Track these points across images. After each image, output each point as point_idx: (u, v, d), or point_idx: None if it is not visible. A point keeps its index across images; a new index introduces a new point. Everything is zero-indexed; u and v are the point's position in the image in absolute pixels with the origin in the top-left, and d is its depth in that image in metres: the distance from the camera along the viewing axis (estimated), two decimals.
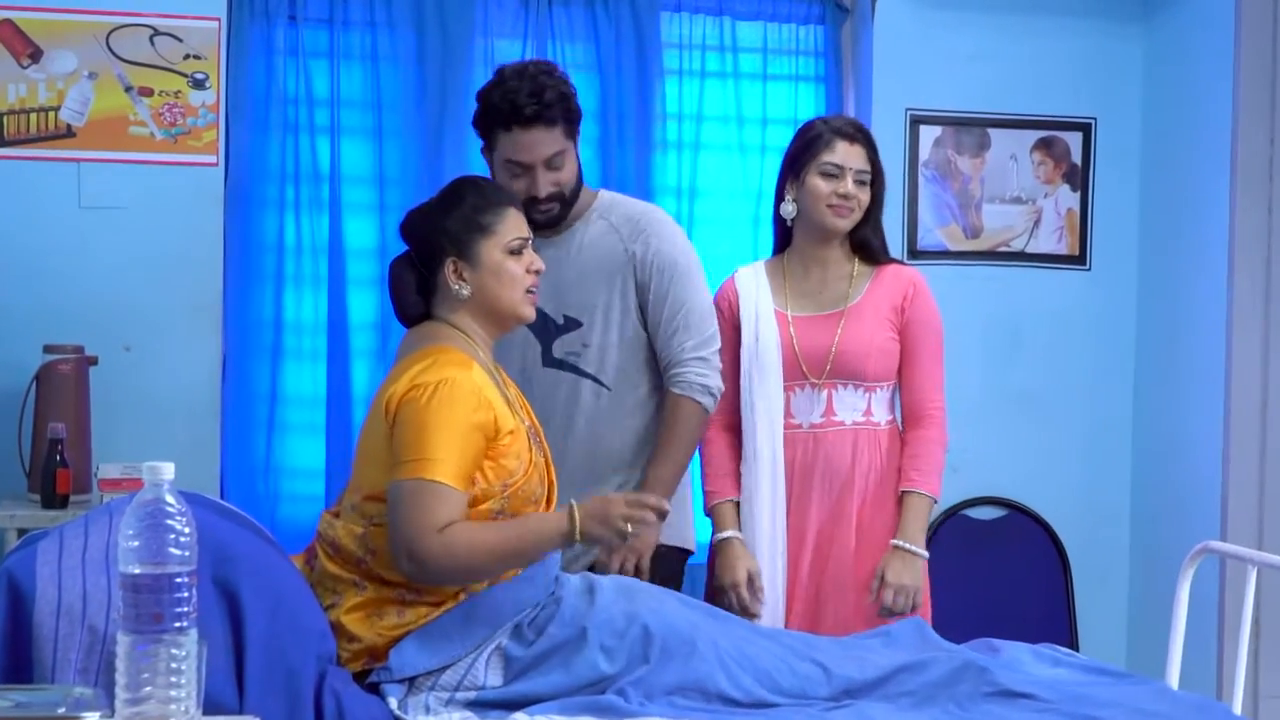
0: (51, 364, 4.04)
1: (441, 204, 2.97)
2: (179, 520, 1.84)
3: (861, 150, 3.57)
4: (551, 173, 3.35)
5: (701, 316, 3.46)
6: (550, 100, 3.30)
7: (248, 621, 2.54)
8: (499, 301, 2.94)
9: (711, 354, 3.45)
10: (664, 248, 3.45)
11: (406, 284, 2.97)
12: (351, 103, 4.62)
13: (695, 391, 3.40)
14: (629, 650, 2.77)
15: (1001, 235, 5.04)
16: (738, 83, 4.87)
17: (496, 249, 2.93)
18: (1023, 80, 5.02)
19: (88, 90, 4.31)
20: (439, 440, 2.70)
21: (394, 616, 2.78)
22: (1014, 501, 5.05)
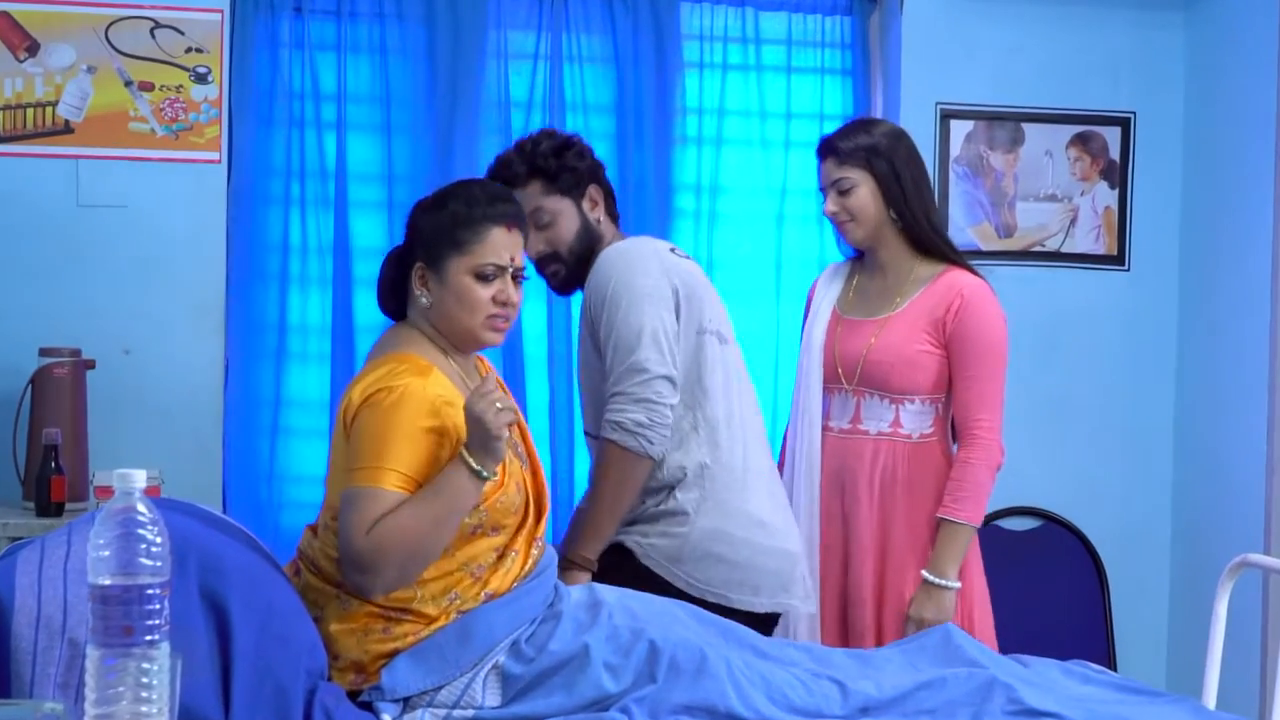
0: (47, 367, 4.04)
1: (430, 203, 2.94)
2: (150, 530, 1.82)
3: (831, 162, 3.57)
4: (540, 231, 3.34)
5: (621, 345, 3.21)
6: (511, 159, 3.35)
7: (235, 635, 2.52)
8: (455, 323, 2.87)
9: (633, 386, 3.18)
10: (597, 280, 3.28)
11: (384, 276, 2.98)
12: (359, 97, 4.62)
13: (607, 429, 3.21)
14: (635, 668, 2.74)
15: (1036, 234, 5.00)
16: (761, 76, 4.85)
17: (464, 269, 2.85)
18: (1058, 72, 4.99)
19: (86, 85, 4.31)
20: (386, 448, 2.67)
21: (379, 633, 2.75)
22: (1049, 512, 5.02)
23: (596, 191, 3.38)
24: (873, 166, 3.53)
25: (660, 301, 3.23)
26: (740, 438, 3.32)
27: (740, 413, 3.35)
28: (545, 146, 3.34)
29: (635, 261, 3.27)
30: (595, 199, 3.38)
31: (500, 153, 3.41)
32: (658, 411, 3.18)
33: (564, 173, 3.34)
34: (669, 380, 3.19)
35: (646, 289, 3.23)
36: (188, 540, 2.59)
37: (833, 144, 3.58)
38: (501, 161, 3.37)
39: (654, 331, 3.19)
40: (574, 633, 2.79)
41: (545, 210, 3.34)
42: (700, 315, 3.31)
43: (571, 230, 3.35)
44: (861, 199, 3.53)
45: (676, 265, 3.32)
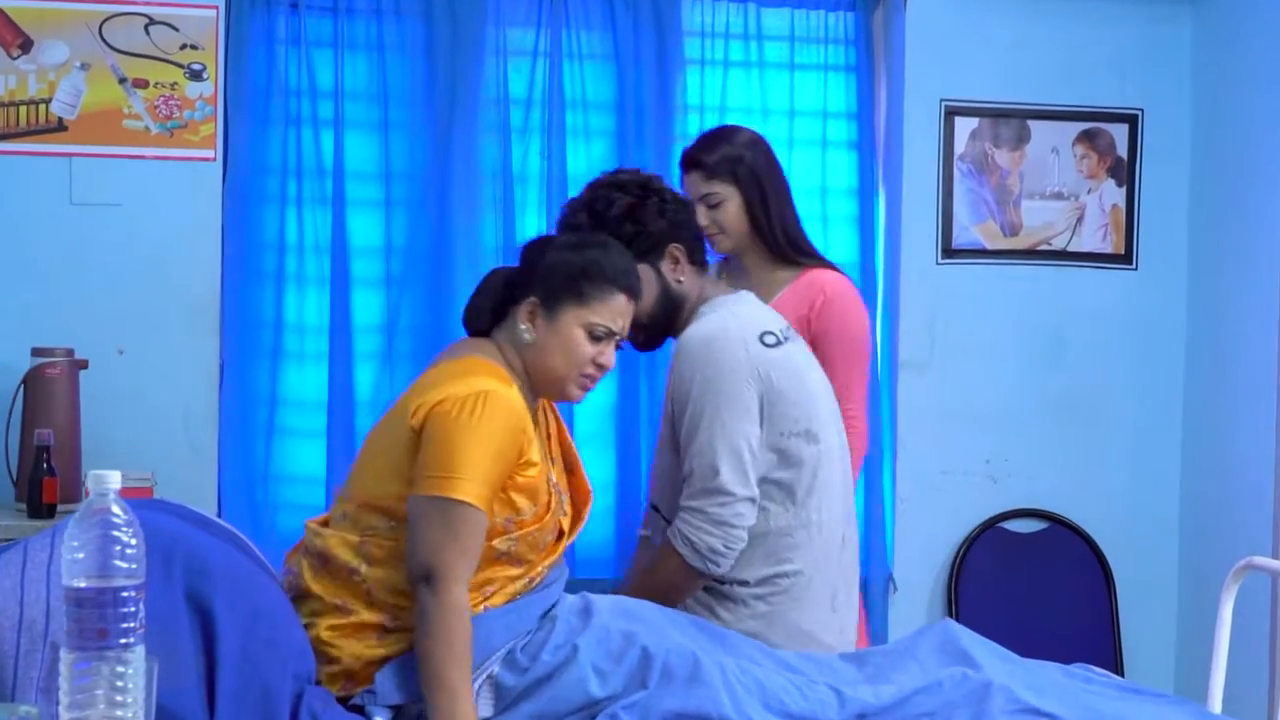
0: (40, 367, 4.04)
1: (564, 245, 2.92)
2: (126, 531, 1.82)
3: (698, 176, 3.52)
4: None
5: (702, 460, 3.07)
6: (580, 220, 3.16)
7: (221, 637, 2.51)
8: (548, 367, 2.86)
9: (713, 507, 3.06)
10: (680, 372, 3.12)
11: (489, 294, 2.92)
12: (356, 95, 4.61)
13: (679, 542, 3.10)
14: (626, 673, 2.73)
15: (1042, 233, 4.99)
16: (763, 73, 4.85)
17: (578, 321, 2.85)
18: (1065, 68, 4.98)
19: (80, 82, 4.31)
20: (472, 457, 2.65)
21: (374, 638, 2.74)
22: (1055, 514, 5.01)
23: (677, 249, 3.18)
24: (739, 180, 3.51)
25: (743, 411, 3.07)
26: (817, 542, 3.20)
27: (820, 518, 3.21)
28: (618, 210, 3.13)
29: (719, 358, 3.09)
30: (676, 256, 3.18)
31: (571, 201, 3.21)
32: (734, 536, 3.07)
33: (640, 238, 3.13)
34: (751, 502, 3.08)
35: (729, 396, 3.07)
36: (174, 542, 2.59)
37: (698, 158, 3.53)
38: (568, 221, 3.17)
39: (736, 449, 3.06)
40: (565, 638, 2.77)
41: None
42: (785, 418, 3.13)
43: (650, 297, 3.16)
44: (730, 212, 3.51)
45: (764, 359, 3.12)
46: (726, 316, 3.17)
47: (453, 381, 2.72)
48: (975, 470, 4.97)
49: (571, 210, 3.19)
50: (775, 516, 3.14)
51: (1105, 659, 4.81)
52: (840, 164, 4.89)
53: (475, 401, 2.67)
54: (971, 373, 4.95)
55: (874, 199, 4.90)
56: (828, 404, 3.25)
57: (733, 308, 3.21)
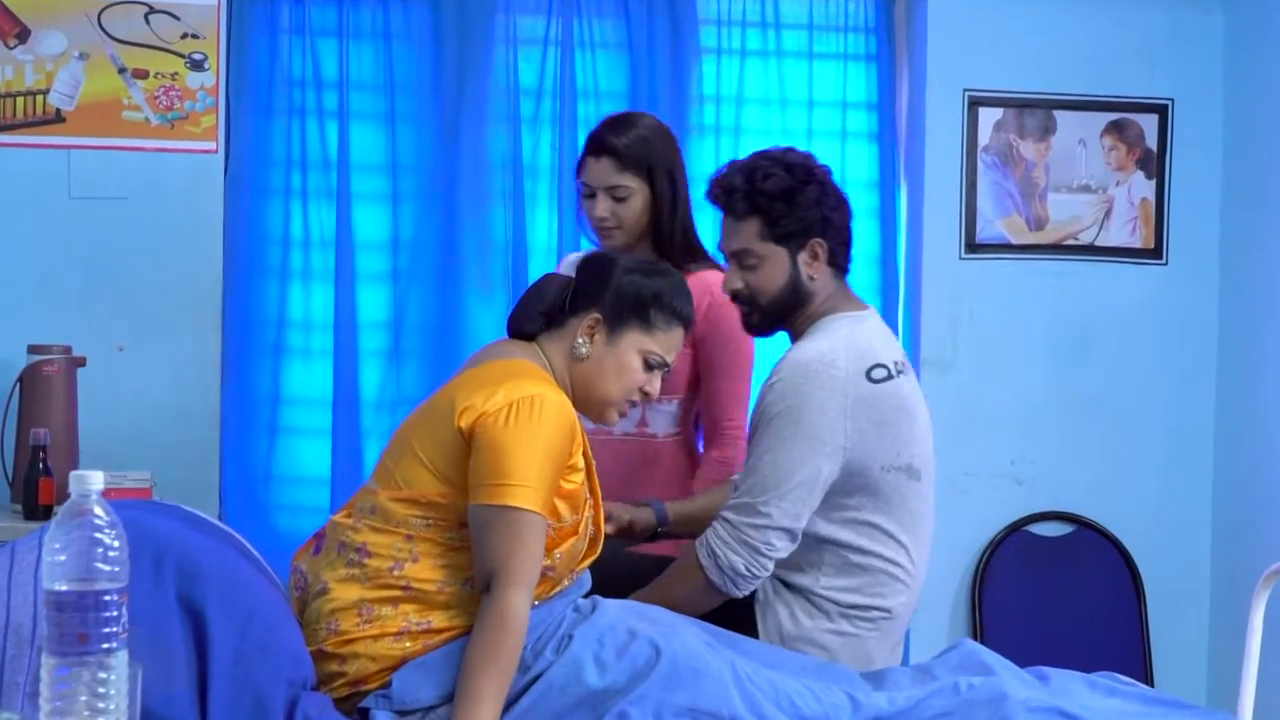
0: (36, 365, 4.04)
1: (637, 268, 2.91)
2: (108, 534, 1.81)
3: (610, 164, 3.44)
4: (741, 270, 3.17)
5: (759, 475, 3.04)
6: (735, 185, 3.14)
7: (213, 642, 2.50)
8: (598, 387, 2.87)
9: (747, 525, 3.03)
10: (774, 391, 3.07)
11: (542, 299, 2.92)
12: (362, 85, 4.62)
13: (702, 551, 3.08)
14: (630, 667, 2.71)
15: (1069, 227, 4.96)
16: (781, 62, 4.84)
17: (637, 346, 2.87)
18: (1092, 57, 4.95)
19: (78, 72, 4.32)
20: (531, 464, 2.65)
21: (390, 640, 2.72)
22: (1083, 517, 4.98)
23: (820, 245, 3.12)
24: (652, 175, 3.46)
25: (822, 449, 3.01)
26: (912, 586, 3.18)
27: (917, 559, 3.18)
28: (776, 184, 3.10)
29: (811, 394, 3.02)
30: (817, 252, 3.13)
31: (726, 168, 3.18)
32: (760, 564, 3.04)
33: (789, 219, 3.11)
34: (788, 534, 3.04)
35: (814, 431, 3.02)
36: (166, 544, 2.59)
37: (612, 144, 3.44)
38: (724, 181, 3.16)
39: (797, 481, 3.01)
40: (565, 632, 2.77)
41: (754, 253, 3.14)
42: (886, 452, 3.08)
43: (776, 282, 3.14)
44: (634, 208, 3.45)
45: (866, 397, 3.05)
46: (837, 344, 3.08)
47: (504, 384, 2.71)
48: (1000, 472, 4.95)
49: (729, 171, 3.17)
50: (883, 551, 3.11)
51: (1134, 668, 4.78)
52: (860, 156, 4.88)
53: (529, 406, 2.67)
54: (996, 372, 4.93)
55: (895, 192, 4.89)
56: (930, 442, 3.22)
57: (850, 331, 3.13)
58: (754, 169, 3.14)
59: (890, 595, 3.14)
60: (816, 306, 3.17)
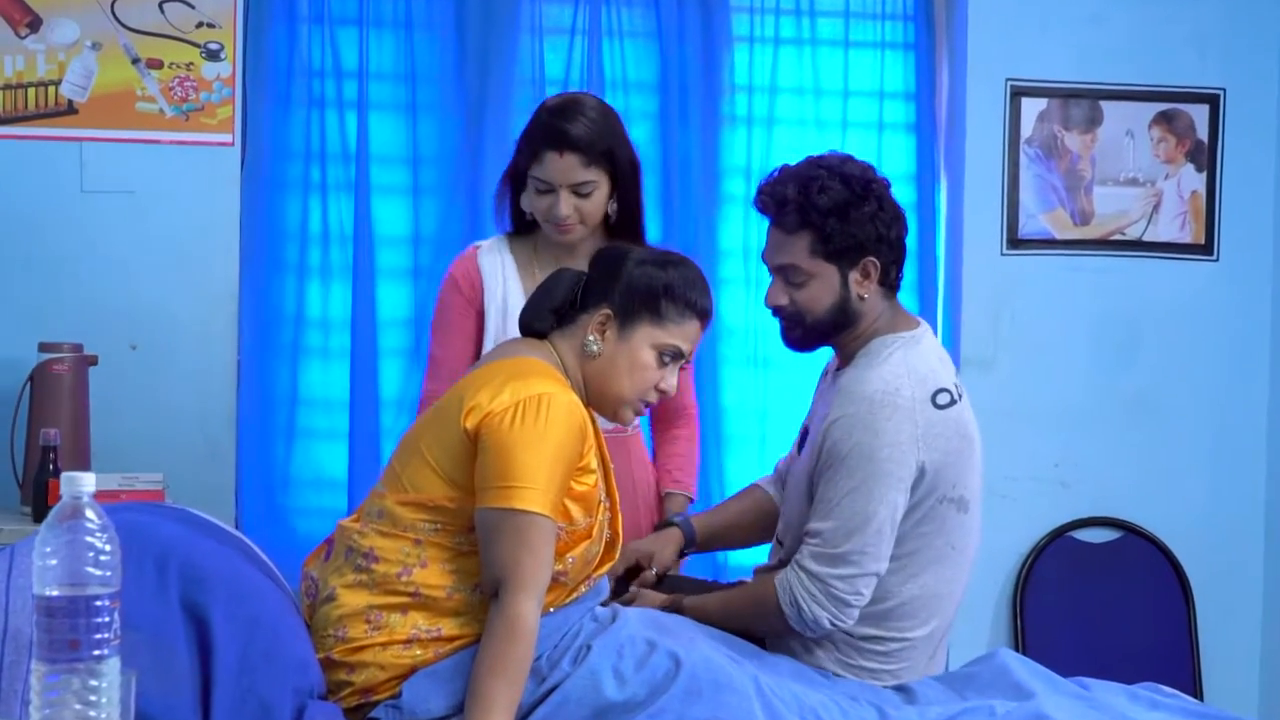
0: (47, 363, 4.06)
1: (649, 259, 2.89)
2: (100, 538, 1.82)
3: (575, 160, 3.33)
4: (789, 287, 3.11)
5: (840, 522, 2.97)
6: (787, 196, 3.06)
7: (218, 649, 2.51)
8: (611, 384, 2.85)
9: (835, 579, 2.97)
10: (839, 428, 3.00)
11: (552, 296, 2.90)
12: (382, 75, 4.63)
13: (784, 599, 3.01)
14: (649, 681, 2.71)
15: (1116, 221, 4.93)
16: (815, 51, 4.84)
17: (650, 341, 2.84)
18: (1140, 45, 4.92)
19: (91, 62, 4.34)
20: (539, 466, 2.64)
21: (399, 647, 2.72)
22: (1129, 522, 4.95)
23: (873, 264, 3.06)
24: (616, 168, 3.39)
25: (897, 483, 2.96)
26: (941, 613, 3.13)
27: (949, 590, 3.13)
28: (830, 200, 3.02)
29: (882, 427, 2.95)
30: (869, 271, 3.06)
31: (778, 175, 3.10)
32: (847, 615, 2.99)
33: (841, 236, 3.03)
34: (876, 577, 3.00)
35: (889, 467, 2.95)
36: (171, 548, 2.60)
37: (575, 137, 3.33)
38: (775, 191, 3.08)
39: (876, 519, 2.96)
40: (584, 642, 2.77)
41: (802, 270, 3.06)
42: (944, 483, 3.04)
43: (824, 302, 3.07)
44: (598, 202, 3.39)
45: (934, 426, 3.01)
46: (900, 370, 3.03)
47: (510, 383, 2.70)
48: (1043, 475, 4.92)
49: (781, 179, 3.09)
50: (902, 586, 3.06)
51: (1183, 679, 4.75)
52: (898, 148, 4.87)
53: (536, 406, 2.66)
54: (1039, 371, 4.90)
55: (934, 186, 4.87)
56: (979, 468, 3.19)
57: (907, 354, 3.07)
58: (809, 180, 3.05)
59: (912, 629, 3.09)
60: (866, 326, 3.11)
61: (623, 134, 3.42)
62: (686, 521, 3.37)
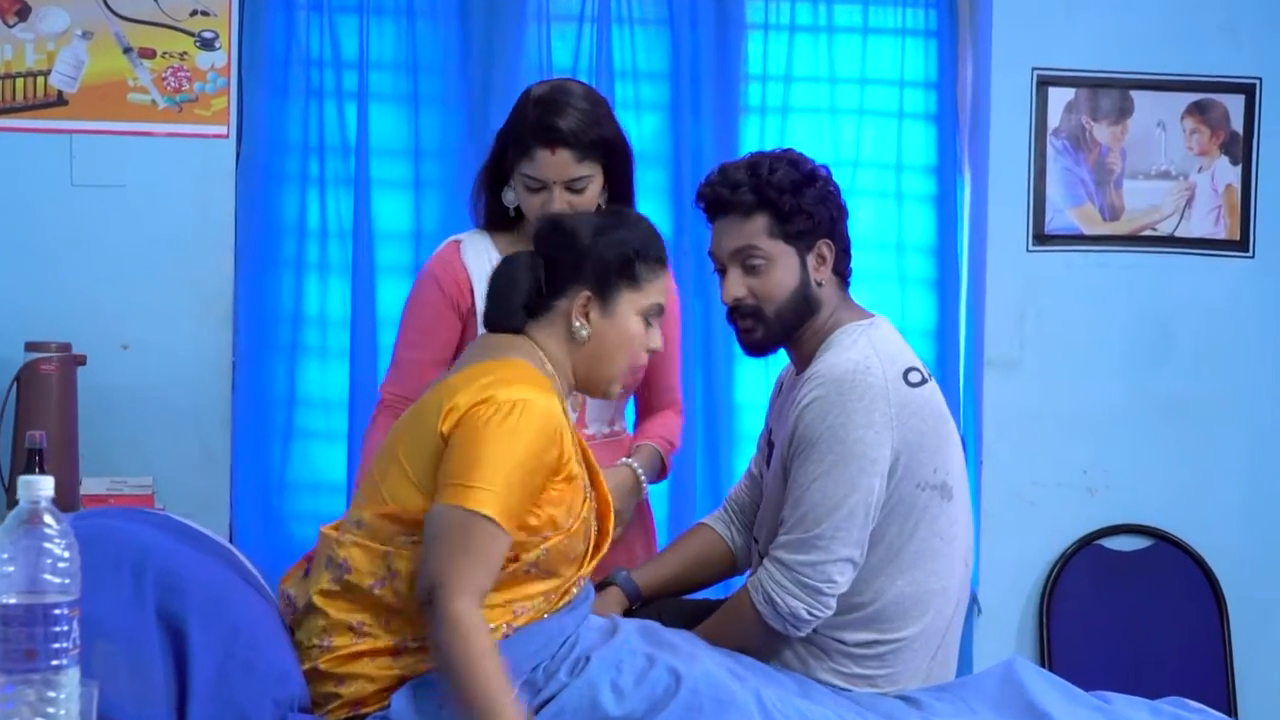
0: (34, 363, 4.07)
1: (606, 226, 2.91)
2: (58, 544, 1.83)
3: (568, 156, 3.31)
4: (747, 275, 3.12)
5: (811, 509, 2.98)
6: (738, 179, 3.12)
7: (194, 660, 2.52)
8: (604, 364, 2.89)
9: (805, 566, 2.97)
10: (810, 414, 3.00)
11: (518, 290, 2.89)
12: (383, 65, 4.63)
13: (757, 596, 3.02)
14: (648, 696, 2.71)
15: (1147, 217, 4.93)
16: (832, 38, 4.84)
17: (635, 308, 2.88)
18: (1173, 33, 4.91)
19: (81, 52, 4.36)
20: (498, 470, 2.64)
21: (388, 658, 2.74)
22: (1161, 530, 4.95)
23: (828, 247, 3.12)
24: (610, 160, 3.39)
25: (871, 466, 2.97)
26: (931, 612, 3.10)
27: (941, 584, 3.10)
28: (783, 177, 3.08)
29: (852, 406, 2.97)
30: (824, 255, 3.12)
31: (717, 170, 3.16)
32: (822, 603, 2.99)
33: (798, 215, 3.08)
34: (850, 564, 3.00)
35: (861, 448, 2.96)
36: (148, 555, 2.62)
37: (567, 132, 3.31)
38: (725, 175, 3.13)
39: (849, 504, 2.96)
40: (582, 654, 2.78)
41: (760, 252, 3.08)
42: (922, 468, 3.03)
43: (785, 287, 3.10)
44: (591, 196, 3.37)
45: (908, 403, 3.02)
46: (867, 351, 3.05)
47: (488, 385, 2.71)
48: (1071, 481, 4.92)
49: (727, 168, 3.14)
50: (890, 583, 3.05)
51: (1215, 693, 4.74)
52: (918, 138, 4.87)
53: (510, 410, 2.67)
54: (1067, 373, 4.89)
55: (956, 178, 4.87)
56: (960, 452, 3.18)
57: (871, 337, 3.10)
58: (757, 163, 3.12)
59: (905, 626, 3.08)
60: (823, 321, 3.14)
61: (613, 121, 3.42)
62: (628, 579, 3.33)
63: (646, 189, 4.60)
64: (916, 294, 4.86)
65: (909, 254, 4.82)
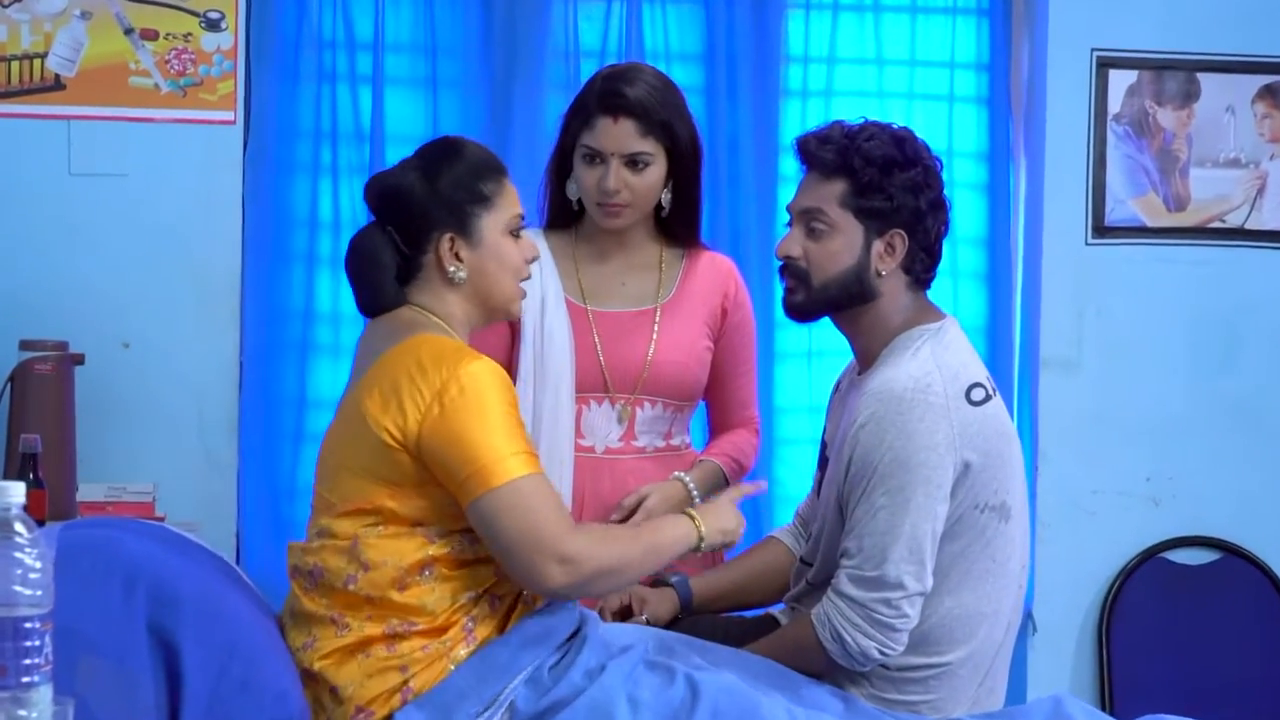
0: (28, 363, 4.06)
1: (428, 164, 2.94)
2: (30, 554, 1.82)
3: (632, 125, 3.34)
4: (807, 238, 3.11)
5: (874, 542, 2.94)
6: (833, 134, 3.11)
7: (187, 678, 2.53)
8: (494, 290, 2.94)
9: (877, 603, 2.93)
10: (868, 433, 2.97)
11: (383, 265, 2.94)
12: (400, 46, 4.62)
13: (825, 633, 2.98)
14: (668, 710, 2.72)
15: (1214, 207, 4.91)
16: (879, 17, 4.81)
17: (498, 227, 2.92)
18: (1241, 11, 4.89)
19: (80, 33, 4.35)
20: (494, 435, 2.72)
21: (384, 652, 2.75)
22: (1229, 543, 4.93)
23: (901, 240, 3.05)
24: (676, 145, 3.39)
25: (935, 491, 2.93)
26: (979, 635, 3.07)
27: (991, 608, 3.06)
28: (876, 149, 3.03)
29: (914, 429, 2.93)
30: (894, 246, 3.06)
31: (827, 124, 3.14)
32: (895, 640, 2.94)
33: (876, 193, 3.04)
34: (922, 596, 2.97)
35: (924, 472, 2.92)
36: (140, 567, 2.62)
37: (633, 101, 3.35)
38: (821, 132, 3.11)
39: (917, 535, 2.92)
40: (597, 661, 2.79)
41: (826, 218, 3.06)
42: (984, 489, 3.00)
43: (840, 262, 3.06)
44: (650, 181, 3.38)
45: (970, 424, 2.98)
46: (929, 365, 3.01)
47: (420, 377, 2.76)
48: (1133, 490, 4.90)
49: (830, 125, 3.12)
50: (937, 604, 3.00)
51: None
52: (968, 123, 4.83)
53: (460, 388, 2.73)
54: (1128, 374, 4.88)
55: (1009, 166, 4.84)
56: (1021, 470, 3.15)
57: (933, 346, 3.06)
58: (860, 129, 3.09)
59: (950, 650, 3.04)
60: (889, 317, 3.10)
61: (685, 111, 3.45)
62: (684, 582, 3.33)
63: None
64: (967, 288, 4.82)
65: (959, 246, 4.77)
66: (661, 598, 3.29)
